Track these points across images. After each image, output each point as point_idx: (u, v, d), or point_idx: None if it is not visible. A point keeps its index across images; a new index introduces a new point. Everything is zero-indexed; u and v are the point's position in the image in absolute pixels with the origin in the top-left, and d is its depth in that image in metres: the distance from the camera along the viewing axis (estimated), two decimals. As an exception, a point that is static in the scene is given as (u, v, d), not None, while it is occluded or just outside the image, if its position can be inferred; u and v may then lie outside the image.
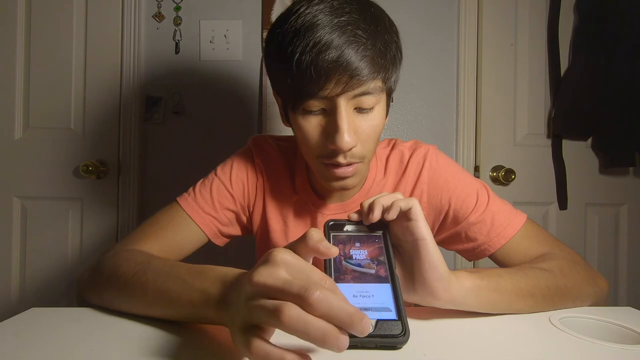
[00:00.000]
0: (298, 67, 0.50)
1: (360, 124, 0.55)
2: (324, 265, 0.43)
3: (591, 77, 1.30)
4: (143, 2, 1.30)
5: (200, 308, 0.40)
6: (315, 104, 0.53)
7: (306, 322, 0.28)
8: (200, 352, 0.39)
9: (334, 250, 0.36)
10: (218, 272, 0.41)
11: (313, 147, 0.57)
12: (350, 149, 0.54)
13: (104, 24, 1.29)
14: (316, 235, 0.36)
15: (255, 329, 0.31)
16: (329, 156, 0.56)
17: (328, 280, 0.33)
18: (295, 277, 0.32)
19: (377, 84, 0.53)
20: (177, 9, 1.30)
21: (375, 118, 0.56)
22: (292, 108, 0.56)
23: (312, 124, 0.55)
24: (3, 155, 1.30)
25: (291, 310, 0.28)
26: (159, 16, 1.30)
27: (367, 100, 0.53)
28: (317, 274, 0.33)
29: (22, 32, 1.29)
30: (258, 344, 0.30)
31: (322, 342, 0.28)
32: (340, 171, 0.57)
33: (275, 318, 0.29)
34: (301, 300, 0.29)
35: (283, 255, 0.33)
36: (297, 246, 0.37)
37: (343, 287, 0.41)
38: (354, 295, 0.41)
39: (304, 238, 0.37)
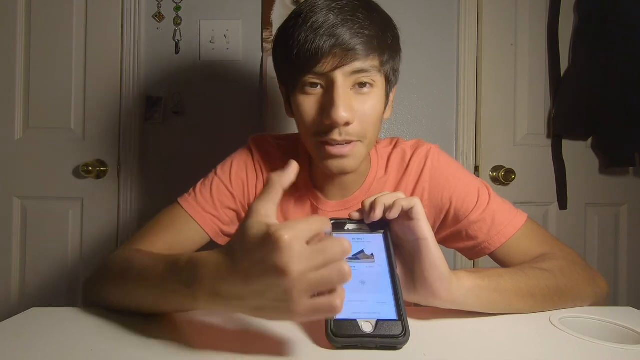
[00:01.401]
0: (297, 44, 0.54)
1: (357, 103, 0.57)
2: None
3: (591, 77, 1.30)
4: (143, 2, 1.30)
5: (187, 303, 0.39)
6: (313, 79, 0.56)
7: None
8: (200, 351, 0.39)
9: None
10: (190, 265, 0.38)
11: (310, 125, 0.58)
12: (346, 123, 0.55)
13: (104, 24, 1.29)
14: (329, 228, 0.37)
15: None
16: (325, 132, 0.57)
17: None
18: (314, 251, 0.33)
19: (373, 62, 0.56)
20: (177, 9, 1.30)
21: (373, 99, 0.58)
22: (292, 89, 0.58)
23: (311, 102, 0.57)
24: (3, 155, 1.29)
25: (341, 299, 0.33)
26: (159, 16, 1.30)
27: (363, 78, 0.56)
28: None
29: (22, 32, 1.29)
30: (302, 303, 0.32)
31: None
32: (336, 150, 0.57)
33: (333, 312, 0.33)
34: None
35: (291, 234, 0.32)
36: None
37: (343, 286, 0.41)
38: (354, 294, 0.41)
39: (315, 224, 0.34)
